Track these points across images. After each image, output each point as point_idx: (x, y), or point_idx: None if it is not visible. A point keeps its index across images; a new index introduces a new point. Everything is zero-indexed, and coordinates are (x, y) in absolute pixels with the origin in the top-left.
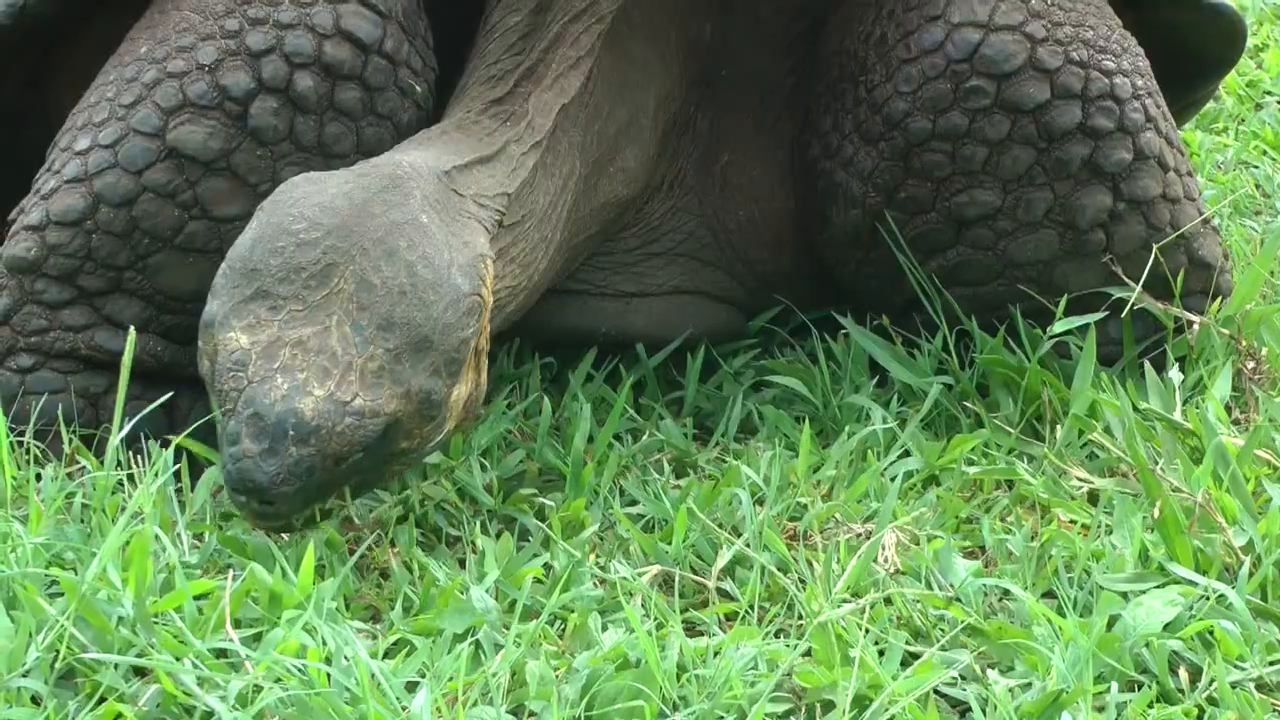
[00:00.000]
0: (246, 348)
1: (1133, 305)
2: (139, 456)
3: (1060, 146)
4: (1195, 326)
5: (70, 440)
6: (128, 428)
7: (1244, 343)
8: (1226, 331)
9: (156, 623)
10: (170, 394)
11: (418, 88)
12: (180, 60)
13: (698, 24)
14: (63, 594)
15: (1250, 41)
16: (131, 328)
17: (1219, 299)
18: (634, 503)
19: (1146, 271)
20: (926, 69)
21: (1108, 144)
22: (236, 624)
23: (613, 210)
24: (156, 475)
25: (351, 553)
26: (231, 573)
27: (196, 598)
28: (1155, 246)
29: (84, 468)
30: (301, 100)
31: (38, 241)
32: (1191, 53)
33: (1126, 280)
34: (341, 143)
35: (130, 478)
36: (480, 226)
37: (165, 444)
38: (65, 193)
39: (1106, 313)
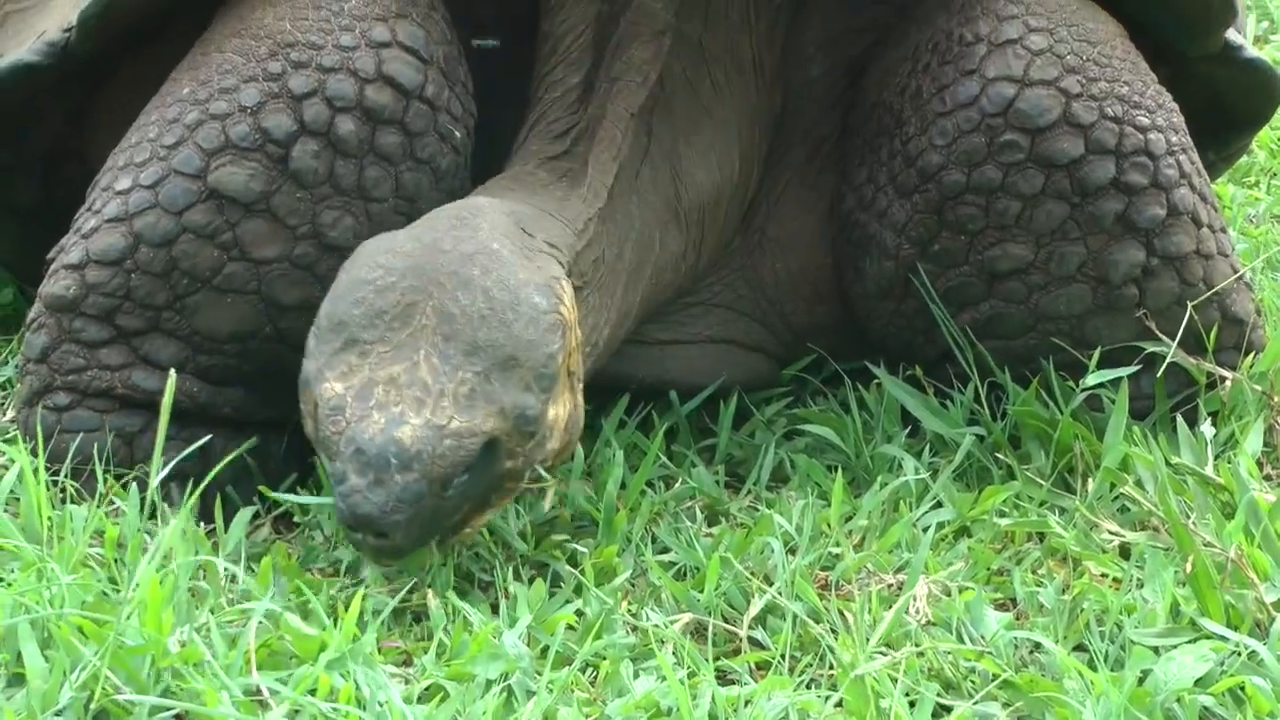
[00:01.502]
0: (341, 393)
1: (1167, 361)
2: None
3: (1094, 202)
4: (1228, 382)
5: (105, 479)
6: (166, 469)
7: (1276, 398)
8: (1259, 388)
9: (189, 665)
10: (209, 437)
11: (456, 133)
12: (223, 102)
13: (768, 96)
14: (100, 629)
15: None
16: (171, 370)
17: (1252, 354)
18: (666, 550)
19: (1182, 328)
20: (961, 123)
21: (1141, 200)
22: (272, 665)
23: (669, 273)
24: (186, 516)
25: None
26: (261, 615)
27: (231, 639)
28: (1189, 303)
29: (119, 508)
30: (342, 144)
31: (77, 280)
32: (1227, 107)
33: (1160, 335)
34: (380, 187)
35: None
36: (553, 258)
37: (198, 486)
38: (105, 232)
39: (1139, 367)
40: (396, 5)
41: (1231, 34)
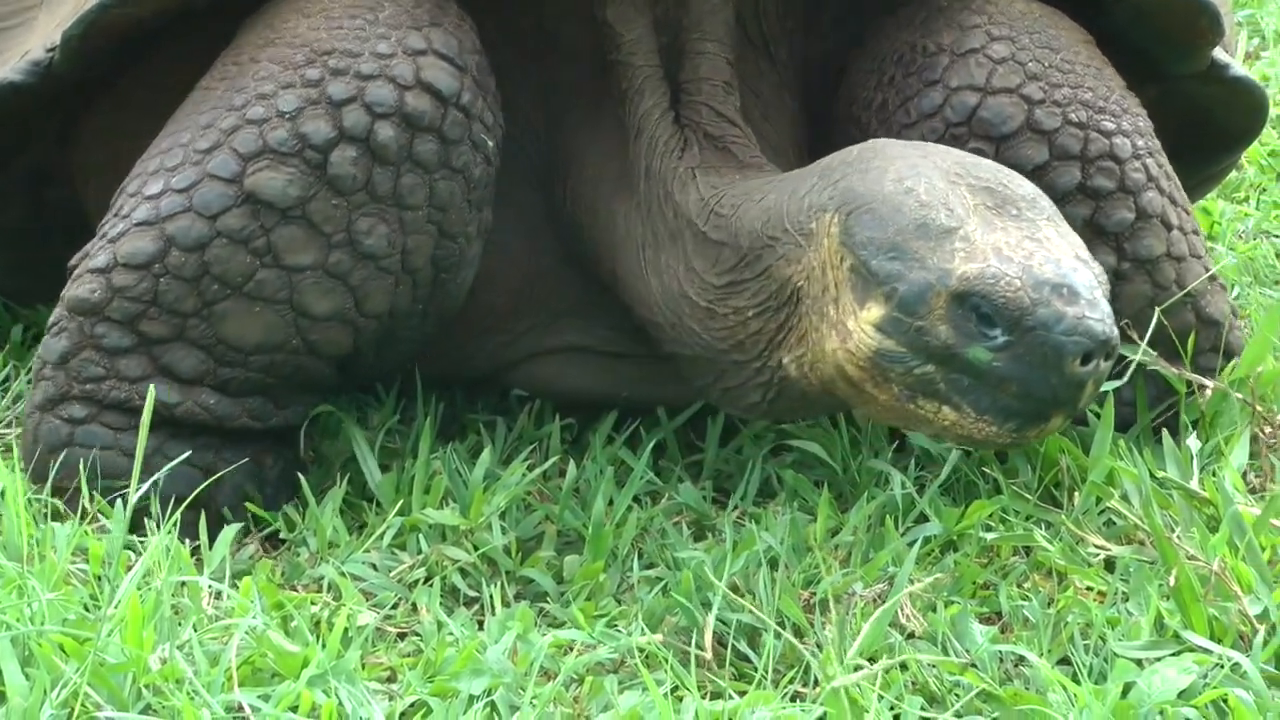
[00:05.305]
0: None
1: (1141, 366)
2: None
3: (1061, 207)
4: (1208, 391)
5: (92, 496)
6: (146, 485)
7: (1258, 406)
8: (1241, 396)
9: (170, 682)
10: (188, 453)
11: (489, 142)
12: (260, 107)
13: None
14: (81, 646)
15: (1273, 112)
16: (151, 387)
17: (1231, 359)
18: (652, 565)
19: (1151, 330)
20: (926, 133)
21: (1109, 204)
22: (254, 683)
23: None
24: (169, 533)
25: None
26: (244, 631)
27: (213, 656)
28: (1161, 306)
29: (104, 525)
30: (381, 150)
31: (102, 284)
32: (1215, 125)
33: (1135, 339)
34: (415, 195)
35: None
36: None
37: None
38: (135, 236)
39: (1122, 381)
40: (429, 15)
41: (1219, 53)
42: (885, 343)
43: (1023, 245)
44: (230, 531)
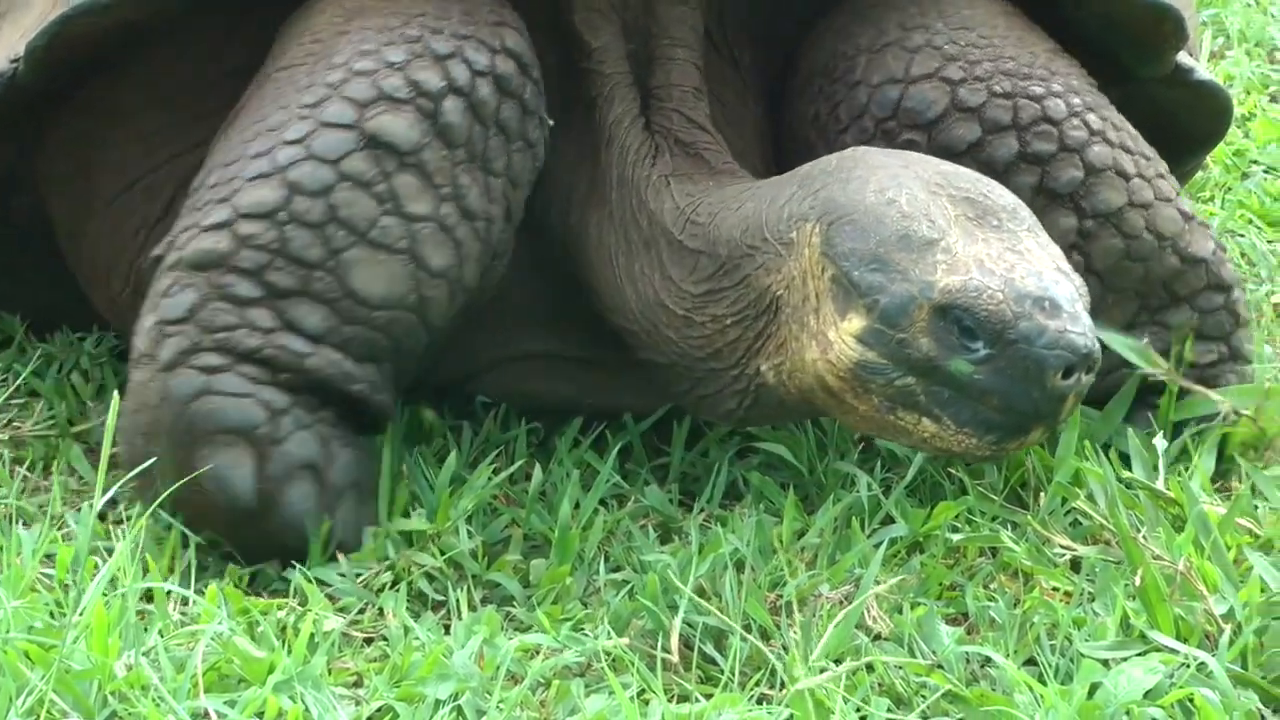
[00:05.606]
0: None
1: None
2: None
3: (1006, 179)
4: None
5: (58, 501)
6: (106, 496)
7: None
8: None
9: (135, 689)
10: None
11: (550, 122)
12: (368, 61)
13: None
14: (46, 653)
15: (1238, 111)
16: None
17: (1227, 292)
18: (618, 568)
19: (1150, 335)
20: (859, 135)
21: (1055, 166)
22: (220, 689)
23: None
24: (134, 541)
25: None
26: (210, 637)
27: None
28: (1138, 256)
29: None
30: (481, 107)
31: (228, 235)
32: (1180, 128)
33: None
34: (498, 161)
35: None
36: None
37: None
38: (254, 186)
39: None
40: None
41: (1183, 56)
42: (866, 354)
43: (1004, 257)
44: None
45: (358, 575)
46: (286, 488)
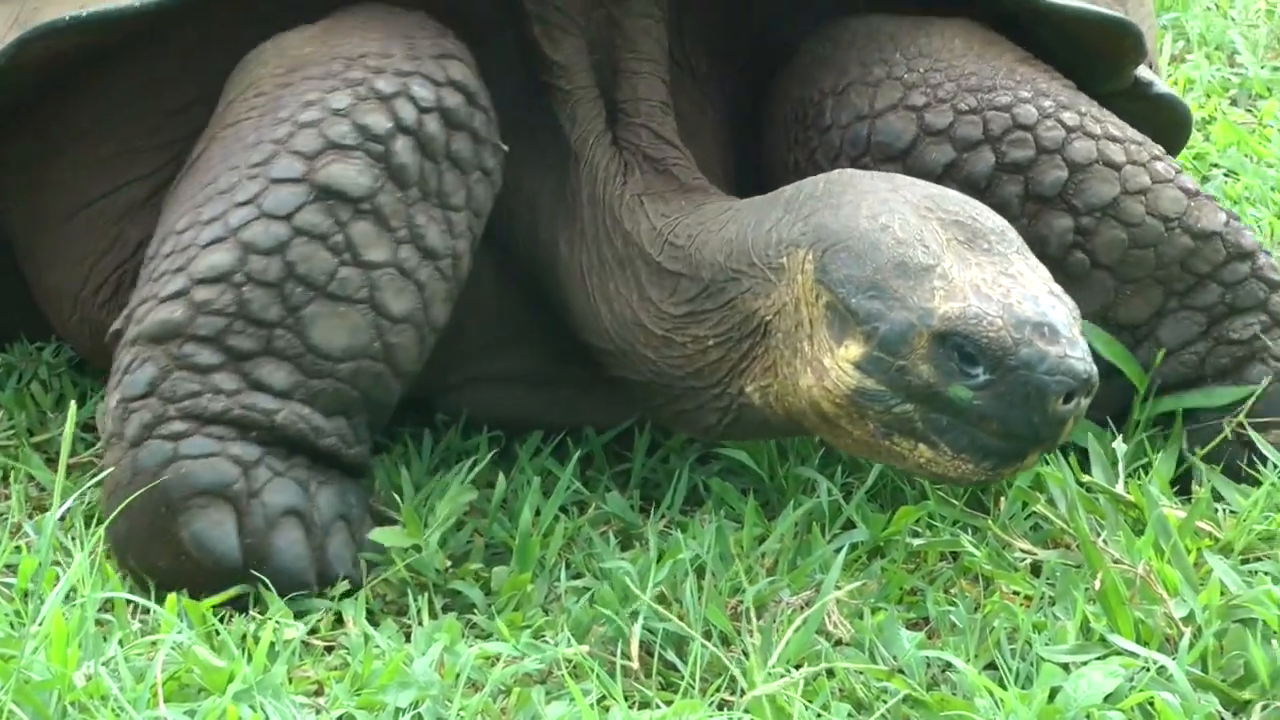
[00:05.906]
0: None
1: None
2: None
3: (990, 193)
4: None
5: (21, 509)
6: (65, 505)
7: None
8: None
9: (95, 699)
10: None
11: (505, 148)
12: (311, 112)
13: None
14: (5, 664)
15: (1198, 114)
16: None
17: (1250, 259)
18: (579, 575)
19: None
20: None
21: (1036, 170)
22: (180, 698)
23: None
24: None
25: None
26: (170, 646)
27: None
28: (1144, 242)
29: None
30: (430, 143)
31: (183, 304)
32: None
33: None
34: (457, 194)
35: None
36: None
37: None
38: (208, 252)
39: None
40: (436, 29)
41: (1143, 70)
42: (865, 381)
43: (999, 282)
44: None
45: None
46: (273, 537)
